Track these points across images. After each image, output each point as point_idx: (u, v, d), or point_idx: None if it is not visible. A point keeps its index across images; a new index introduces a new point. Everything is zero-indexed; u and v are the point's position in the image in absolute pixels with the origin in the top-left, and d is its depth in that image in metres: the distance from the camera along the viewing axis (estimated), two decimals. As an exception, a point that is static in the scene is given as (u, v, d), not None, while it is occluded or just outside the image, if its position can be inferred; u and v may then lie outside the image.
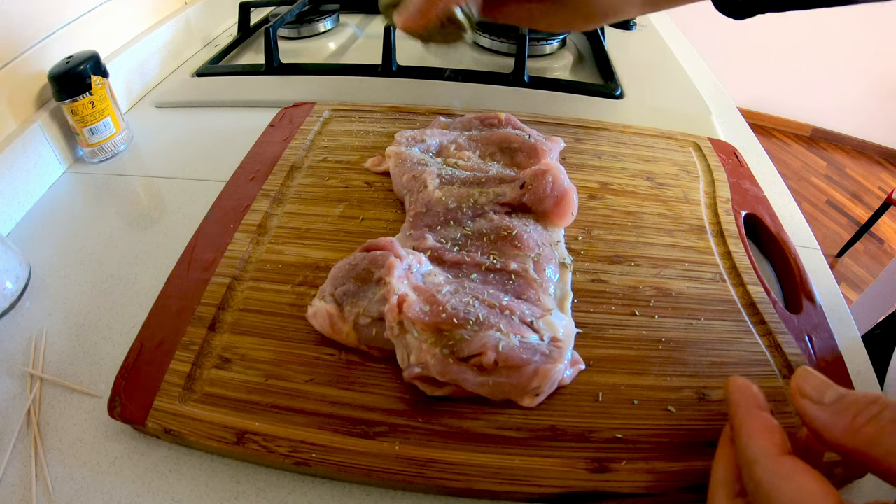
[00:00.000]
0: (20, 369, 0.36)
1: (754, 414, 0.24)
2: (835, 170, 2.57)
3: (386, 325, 0.33)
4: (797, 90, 2.66)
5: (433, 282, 0.36)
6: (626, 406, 0.32)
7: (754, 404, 0.24)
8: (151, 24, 0.71)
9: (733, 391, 0.26)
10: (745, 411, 0.24)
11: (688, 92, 0.67)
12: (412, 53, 0.70)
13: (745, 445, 0.23)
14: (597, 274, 0.40)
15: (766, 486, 0.21)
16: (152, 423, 0.31)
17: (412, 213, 0.42)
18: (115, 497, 0.30)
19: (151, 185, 0.53)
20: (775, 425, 0.23)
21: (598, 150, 0.53)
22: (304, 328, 0.36)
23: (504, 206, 0.42)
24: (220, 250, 0.41)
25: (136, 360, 0.34)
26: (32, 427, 0.33)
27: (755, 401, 0.25)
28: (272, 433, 0.30)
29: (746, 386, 0.26)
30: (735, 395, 0.25)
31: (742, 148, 0.57)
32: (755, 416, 0.24)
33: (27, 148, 0.50)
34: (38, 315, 0.40)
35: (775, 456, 0.21)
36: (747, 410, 0.24)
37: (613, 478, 0.29)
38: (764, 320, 0.37)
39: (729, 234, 0.44)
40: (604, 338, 0.36)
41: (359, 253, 0.38)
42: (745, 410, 0.24)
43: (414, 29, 0.33)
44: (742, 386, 0.26)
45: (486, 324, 0.33)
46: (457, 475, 0.29)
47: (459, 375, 0.31)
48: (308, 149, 0.52)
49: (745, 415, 0.24)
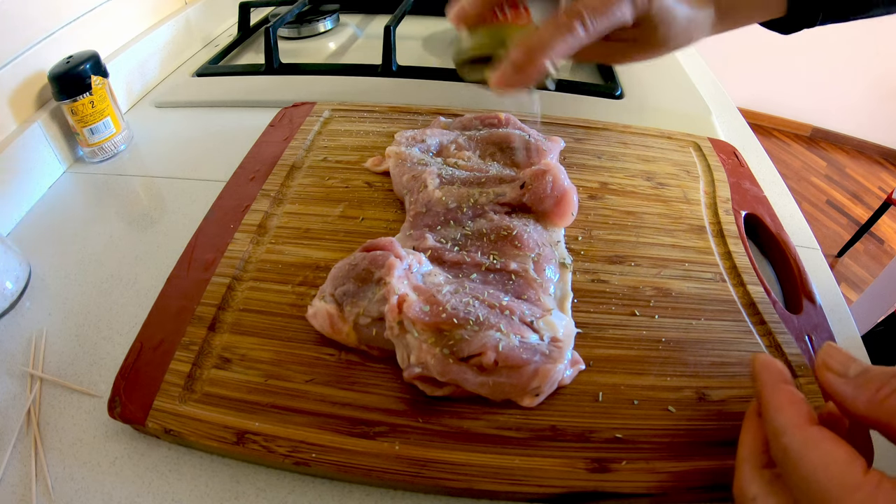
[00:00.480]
0: (20, 369, 0.36)
1: (781, 388, 0.24)
2: (835, 170, 2.57)
3: (386, 325, 0.33)
4: (797, 90, 2.66)
5: (433, 282, 0.36)
6: (626, 406, 0.32)
7: (780, 379, 0.25)
8: (151, 24, 0.71)
9: (759, 368, 0.26)
10: (772, 386, 0.25)
11: (688, 92, 0.67)
12: (412, 53, 0.70)
13: (772, 417, 0.23)
14: (597, 274, 0.40)
15: (795, 454, 0.21)
16: (152, 423, 0.31)
17: (412, 213, 0.42)
18: (115, 497, 0.30)
19: (151, 185, 0.53)
20: (801, 397, 0.24)
21: (598, 150, 0.53)
22: (304, 328, 0.36)
23: (504, 206, 0.42)
24: (220, 250, 0.41)
25: (136, 360, 0.34)
26: (32, 427, 0.33)
27: (781, 375, 0.25)
28: (272, 433, 0.30)
29: (771, 362, 0.27)
30: (761, 372, 0.26)
31: (742, 148, 0.57)
32: (782, 389, 0.24)
33: (27, 148, 0.50)
34: (38, 315, 0.40)
35: (802, 425, 0.22)
36: (774, 385, 0.25)
37: (613, 478, 0.29)
38: (764, 320, 0.37)
39: (729, 234, 0.44)
40: (604, 338, 0.36)
41: (359, 253, 0.38)
42: (772, 385, 0.25)
43: (511, 87, 0.32)
44: (767, 362, 0.26)
45: (486, 324, 0.33)
46: (457, 475, 0.29)
47: (459, 375, 0.31)
48: (308, 149, 0.52)
49: (773, 389, 0.25)
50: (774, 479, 0.23)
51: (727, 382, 0.34)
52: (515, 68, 0.31)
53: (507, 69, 0.32)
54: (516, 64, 0.31)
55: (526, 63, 0.31)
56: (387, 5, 0.86)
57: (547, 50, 0.30)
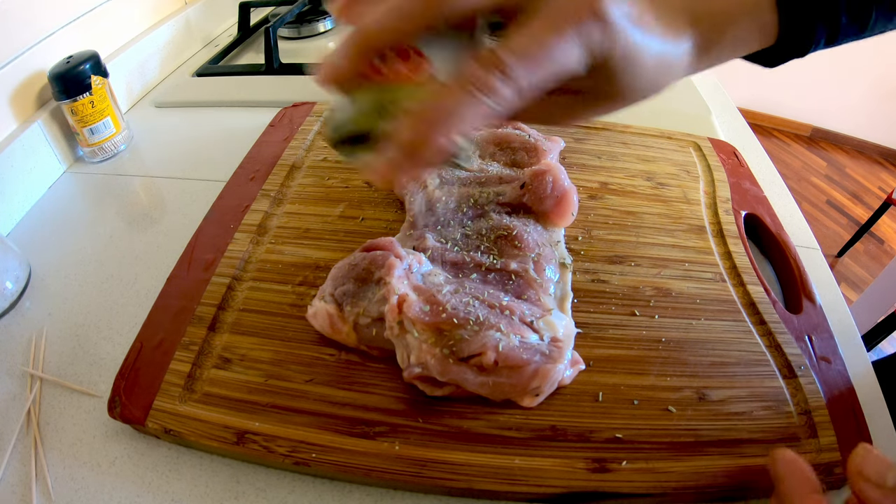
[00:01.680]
0: (20, 369, 0.36)
1: (810, 500, 0.23)
2: (835, 170, 2.57)
3: (386, 325, 0.33)
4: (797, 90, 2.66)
5: (433, 282, 0.36)
6: (626, 406, 0.32)
7: (810, 489, 0.24)
8: (151, 24, 0.71)
9: (784, 472, 0.25)
10: (800, 498, 0.23)
11: (688, 92, 0.67)
12: (412, 53, 0.70)
13: None
14: (597, 274, 0.40)
15: None
16: (152, 423, 0.31)
17: (412, 213, 0.42)
18: (115, 497, 0.30)
19: (151, 185, 0.53)
20: None
21: (598, 150, 0.53)
22: (304, 328, 0.36)
23: (504, 206, 0.42)
24: (220, 250, 0.41)
25: (136, 360, 0.34)
26: (32, 427, 0.33)
27: (810, 484, 0.24)
28: (272, 433, 0.30)
29: (798, 464, 0.25)
30: (788, 478, 0.24)
31: (742, 148, 0.57)
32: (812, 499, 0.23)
33: (27, 148, 0.50)
34: (38, 315, 0.40)
35: None
36: (802, 498, 0.23)
37: (613, 478, 0.29)
38: (764, 320, 0.37)
39: (729, 234, 0.44)
40: (604, 338, 0.36)
41: (359, 253, 0.38)
42: (800, 497, 0.23)
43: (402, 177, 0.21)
44: (793, 464, 0.25)
45: (486, 324, 0.33)
46: (457, 475, 0.29)
47: (459, 375, 0.31)
48: (308, 149, 0.52)
49: (801, 501, 0.23)
50: None
51: (727, 382, 0.34)
52: (406, 151, 0.20)
53: (395, 154, 0.21)
54: (407, 145, 0.20)
55: (420, 143, 0.20)
56: (387, 5, 0.86)
57: (452, 121, 0.20)
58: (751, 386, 0.34)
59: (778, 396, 0.33)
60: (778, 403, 0.33)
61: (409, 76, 0.24)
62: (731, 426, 0.31)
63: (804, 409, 0.33)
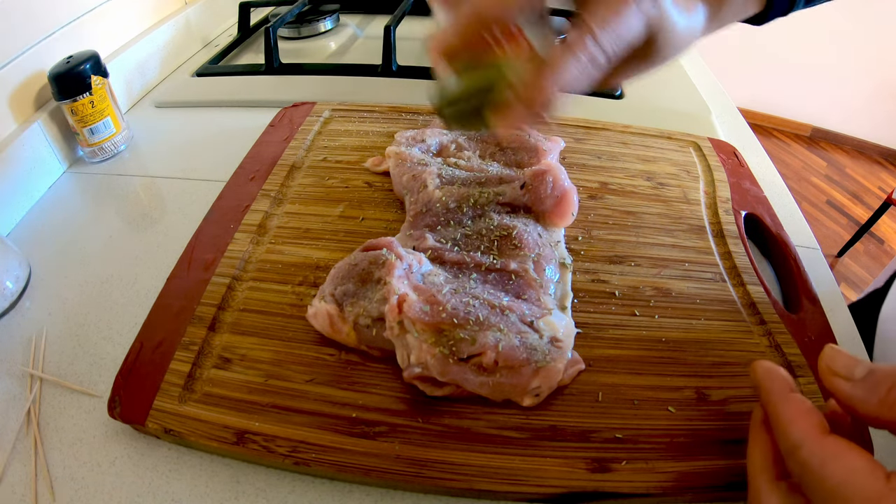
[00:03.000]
0: (20, 369, 0.36)
1: (790, 399, 0.24)
2: (835, 170, 2.57)
3: (386, 325, 0.33)
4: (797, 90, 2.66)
5: (433, 282, 0.36)
6: (626, 406, 0.32)
7: (787, 387, 0.25)
8: (151, 24, 0.71)
9: (762, 376, 0.26)
10: (781, 397, 0.24)
11: (688, 92, 0.67)
12: (412, 53, 0.70)
13: (786, 431, 0.23)
14: (597, 274, 0.40)
15: (816, 468, 0.21)
16: (152, 423, 0.31)
17: (412, 213, 0.42)
18: (115, 497, 0.30)
19: (151, 185, 0.53)
20: (812, 407, 0.24)
21: (598, 150, 0.53)
22: (304, 328, 0.36)
23: (504, 206, 0.42)
24: (220, 250, 0.41)
25: (136, 360, 0.34)
26: (32, 427, 0.33)
27: (787, 384, 0.25)
28: (272, 433, 0.30)
29: (774, 369, 0.26)
30: (765, 380, 0.26)
31: (742, 148, 0.57)
32: (791, 400, 0.24)
33: (27, 148, 0.50)
34: (38, 315, 0.40)
35: (818, 438, 0.22)
36: (782, 396, 0.24)
37: (613, 478, 0.29)
38: (764, 320, 0.37)
39: (729, 234, 0.44)
40: (604, 338, 0.36)
41: (359, 253, 0.38)
42: (780, 396, 0.24)
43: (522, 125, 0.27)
44: (770, 370, 0.26)
45: (486, 324, 0.33)
46: (457, 475, 0.29)
47: (459, 375, 0.31)
48: (308, 149, 0.52)
49: (782, 400, 0.24)
50: (792, 490, 0.23)
51: (727, 382, 0.34)
52: (525, 100, 0.25)
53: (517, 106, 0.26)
54: (526, 95, 0.25)
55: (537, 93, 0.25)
56: (387, 5, 0.86)
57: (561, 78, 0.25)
58: (751, 386, 0.34)
59: (778, 396, 0.33)
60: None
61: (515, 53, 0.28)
62: (731, 426, 0.31)
63: (804, 409, 0.33)
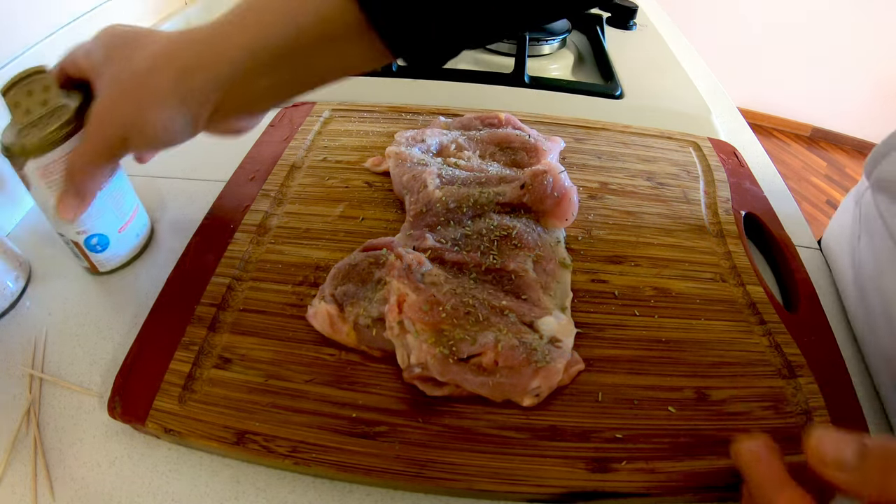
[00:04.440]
0: (20, 369, 0.36)
1: (785, 489, 0.23)
2: (835, 170, 2.57)
3: (386, 325, 0.33)
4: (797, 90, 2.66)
5: (433, 282, 0.36)
6: (626, 406, 0.32)
7: (781, 480, 0.23)
8: (151, 24, 0.71)
9: (749, 462, 0.24)
10: (775, 487, 0.23)
11: (688, 92, 0.67)
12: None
13: None
14: (597, 274, 0.40)
15: None
16: (152, 423, 0.31)
17: (412, 213, 0.42)
18: (115, 497, 0.30)
19: (151, 185, 0.53)
20: (803, 494, 0.22)
21: (598, 150, 0.53)
22: (304, 328, 0.36)
23: (504, 206, 0.42)
24: (220, 250, 0.41)
25: (136, 360, 0.34)
26: (32, 427, 0.33)
27: (782, 475, 0.23)
28: (272, 433, 0.30)
29: (761, 450, 0.24)
30: (755, 471, 0.24)
31: (742, 148, 0.57)
32: (785, 490, 0.23)
33: (27, 148, 0.50)
34: (38, 315, 0.40)
35: None
36: (776, 485, 0.23)
37: (613, 478, 0.29)
38: (764, 320, 0.37)
39: (729, 234, 0.44)
40: (604, 338, 0.36)
41: (359, 253, 0.38)
42: (774, 485, 0.23)
43: None
44: (758, 455, 0.24)
45: (486, 324, 0.33)
46: (457, 475, 0.29)
47: (459, 375, 0.31)
48: (308, 149, 0.52)
49: (776, 491, 0.23)
50: None
51: (727, 382, 0.34)
52: None
53: None
54: None
55: None
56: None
57: None
58: (751, 386, 0.34)
59: (778, 396, 0.33)
60: (778, 403, 0.33)
61: None
62: (731, 426, 0.31)
63: (804, 409, 0.33)
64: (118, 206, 0.41)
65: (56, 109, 0.35)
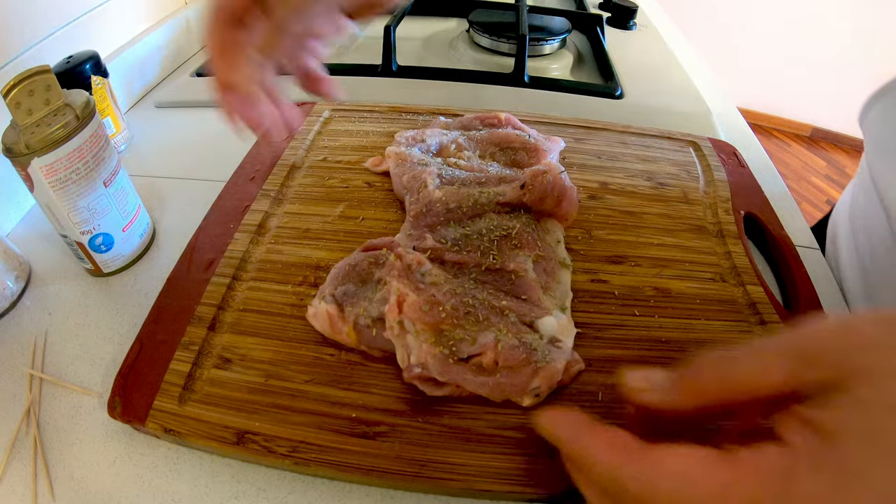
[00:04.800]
0: (20, 369, 0.36)
1: (597, 430, 0.22)
2: (835, 170, 2.57)
3: (386, 325, 0.33)
4: (797, 90, 2.66)
5: (433, 282, 0.36)
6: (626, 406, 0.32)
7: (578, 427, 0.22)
8: (151, 24, 0.71)
9: (552, 429, 0.24)
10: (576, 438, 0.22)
11: (688, 92, 0.67)
12: (412, 53, 0.70)
13: (600, 468, 0.20)
14: (597, 274, 0.40)
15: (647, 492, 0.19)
16: (152, 423, 0.31)
17: (412, 213, 0.42)
18: (115, 497, 0.30)
19: (151, 185, 0.53)
20: (615, 430, 0.21)
21: (598, 150, 0.53)
22: (304, 328, 0.36)
23: (504, 205, 0.42)
24: (220, 250, 0.41)
25: (136, 360, 0.34)
26: (32, 427, 0.33)
27: (577, 423, 0.23)
28: (272, 433, 0.30)
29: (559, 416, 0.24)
30: (558, 431, 0.23)
31: (742, 148, 0.57)
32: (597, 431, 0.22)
33: (27, 148, 0.50)
34: (38, 315, 0.40)
35: (634, 458, 0.19)
36: (577, 437, 0.22)
37: (613, 478, 0.29)
38: (764, 320, 0.37)
39: (729, 234, 0.44)
40: (604, 338, 0.36)
41: (359, 253, 0.38)
42: (576, 437, 0.22)
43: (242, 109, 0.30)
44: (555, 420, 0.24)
45: (486, 324, 0.33)
46: (457, 475, 0.29)
47: (459, 375, 0.31)
48: (308, 149, 0.52)
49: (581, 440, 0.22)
50: None
51: (727, 382, 0.34)
52: None
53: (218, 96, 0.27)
54: None
55: None
56: (387, 5, 0.86)
57: None
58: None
59: (778, 396, 0.33)
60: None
61: None
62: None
63: (804, 409, 0.33)
64: (121, 204, 0.41)
65: (58, 109, 0.35)
